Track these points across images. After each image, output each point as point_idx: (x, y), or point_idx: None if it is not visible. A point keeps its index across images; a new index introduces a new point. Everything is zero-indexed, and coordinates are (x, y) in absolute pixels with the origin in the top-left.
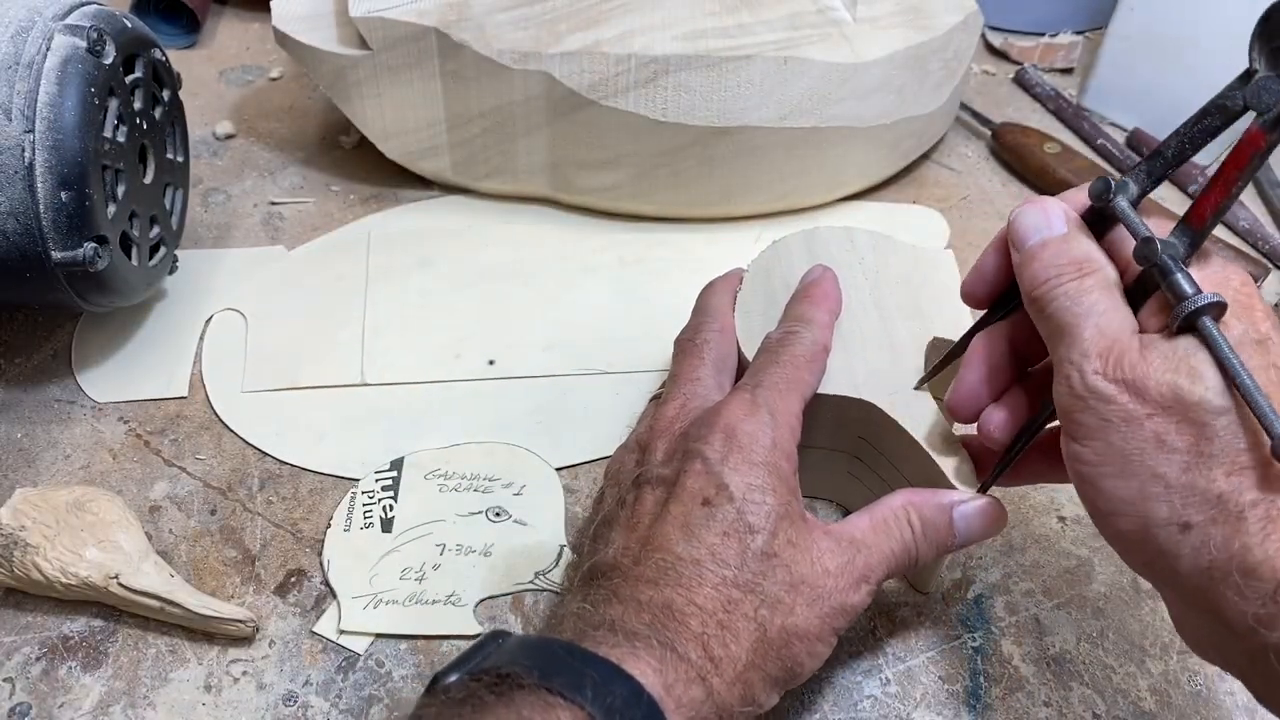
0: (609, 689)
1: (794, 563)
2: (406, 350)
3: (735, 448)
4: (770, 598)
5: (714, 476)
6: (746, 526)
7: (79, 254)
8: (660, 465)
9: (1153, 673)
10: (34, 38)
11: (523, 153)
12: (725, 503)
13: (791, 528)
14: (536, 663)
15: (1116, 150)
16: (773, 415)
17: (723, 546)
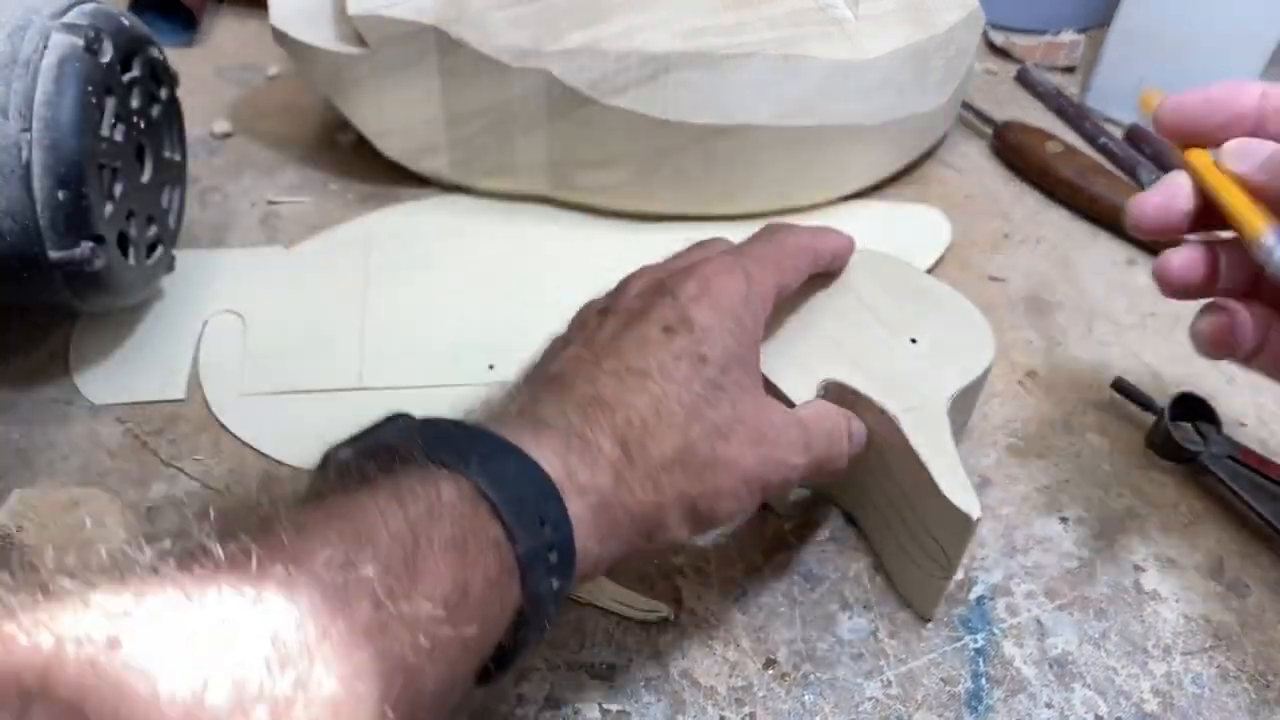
0: (498, 464)
1: (739, 401)
2: (405, 354)
3: (706, 293)
4: (708, 421)
5: (679, 309)
6: (700, 356)
7: (76, 253)
8: (633, 299)
9: (1155, 674)
10: (31, 36)
11: (522, 151)
12: (685, 332)
13: (745, 375)
14: (425, 439)
15: (1119, 149)
16: (749, 279)
17: (674, 365)
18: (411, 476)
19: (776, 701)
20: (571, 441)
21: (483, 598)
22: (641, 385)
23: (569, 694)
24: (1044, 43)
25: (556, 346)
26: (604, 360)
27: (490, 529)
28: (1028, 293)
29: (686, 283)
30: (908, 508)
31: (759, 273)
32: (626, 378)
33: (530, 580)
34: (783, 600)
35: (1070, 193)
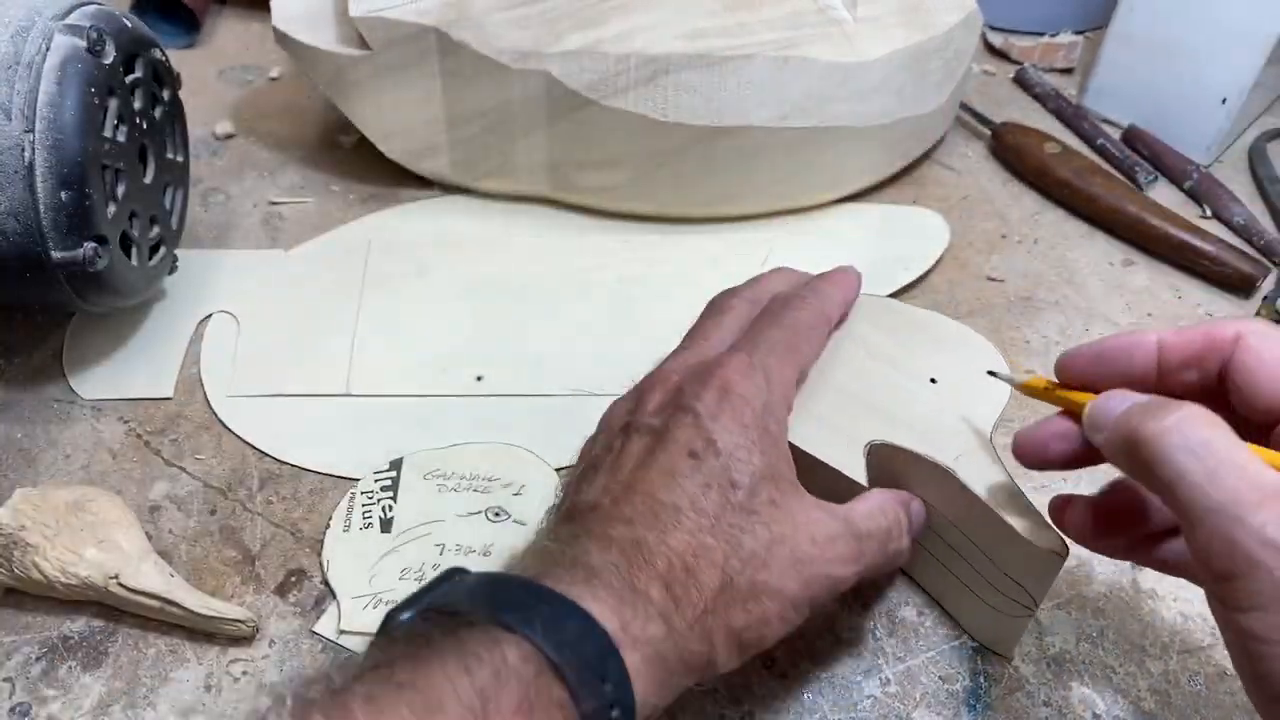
0: (561, 623)
1: (774, 522)
2: (394, 362)
3: (728, 406)
4: (744, 551)
5: (703, 431)
6: (730, 481)
7: (79, 254)
8: (651, 415)
9: (1153, 672)
10: (34, 37)
11: (522, 152)
12: (711, 457)
13: (776, 490)
14: (487, 598)
15: (1116, 150)
16: (768, 379)
17: (703, 496)
18: (476, 640)
19: (775, 699)
20: (624, 594)
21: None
22: (677, 522)
23: None
24: (1042, 44)
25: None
26: (635, 496)
27: (555, 690)
28: (1025, 293)
29: (705, 394)
30: (977, 555)
31: (777, 366)
32: (661, 515)
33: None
34: None
35: (1068, 193)
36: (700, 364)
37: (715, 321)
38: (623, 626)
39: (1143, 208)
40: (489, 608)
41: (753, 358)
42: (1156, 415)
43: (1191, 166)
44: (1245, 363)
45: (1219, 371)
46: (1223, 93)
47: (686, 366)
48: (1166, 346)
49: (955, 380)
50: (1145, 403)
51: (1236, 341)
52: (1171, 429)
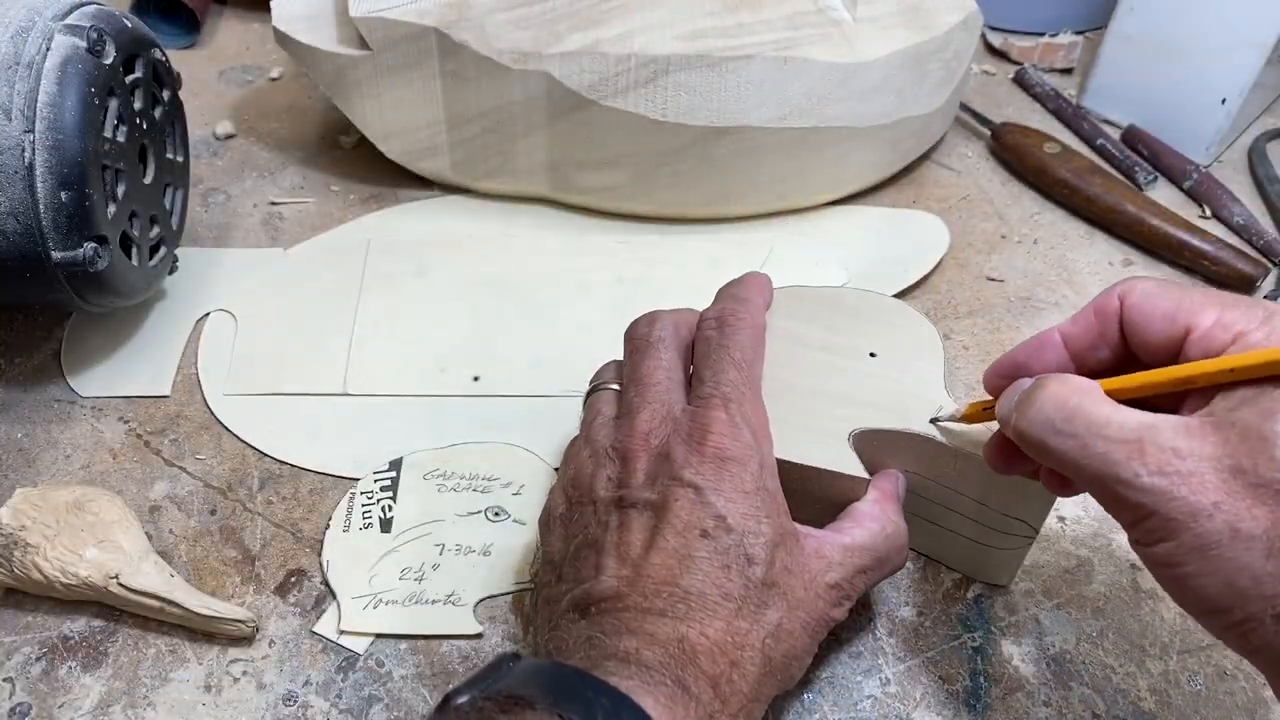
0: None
1: (791, 589)
2: (392, 361)
3: (726, 475)
4: (773, 627)
5: (709, 507)
6: (746, 558)
7: (79, 254)
8: (643, 488)
9: (1153, 672)
10: (34, 38)
11: (522, 153)
12: (723, 534)
13: (787, 554)
14: (549, 687)
15: (1116, 150)
16: (754, 432)
17: (725, 579)
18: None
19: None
20: (676, 694)
21: None
22: (710, 611)
23: None
24: (1042, 44)
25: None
26: (654, 584)
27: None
28: (1025, 293)
29: (700, 465)
30: (969, 505)
31: (754, 412)
32: (692, 604)
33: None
34: None
35: (1067, 193)
36: (672, 418)
37: (654, 360)
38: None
39: (1142, 208)
40: (551, 696)
41: (729, 411)
42: (1023, 407)
43: (1191, 166)
44: (1133, 322)
45: (1121, 338)
46: (1223, 93)
47: (659, 423)
48: (1069, 337)
49: (889, 346)
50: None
51: (1121, 305)
52: (1035, 416)
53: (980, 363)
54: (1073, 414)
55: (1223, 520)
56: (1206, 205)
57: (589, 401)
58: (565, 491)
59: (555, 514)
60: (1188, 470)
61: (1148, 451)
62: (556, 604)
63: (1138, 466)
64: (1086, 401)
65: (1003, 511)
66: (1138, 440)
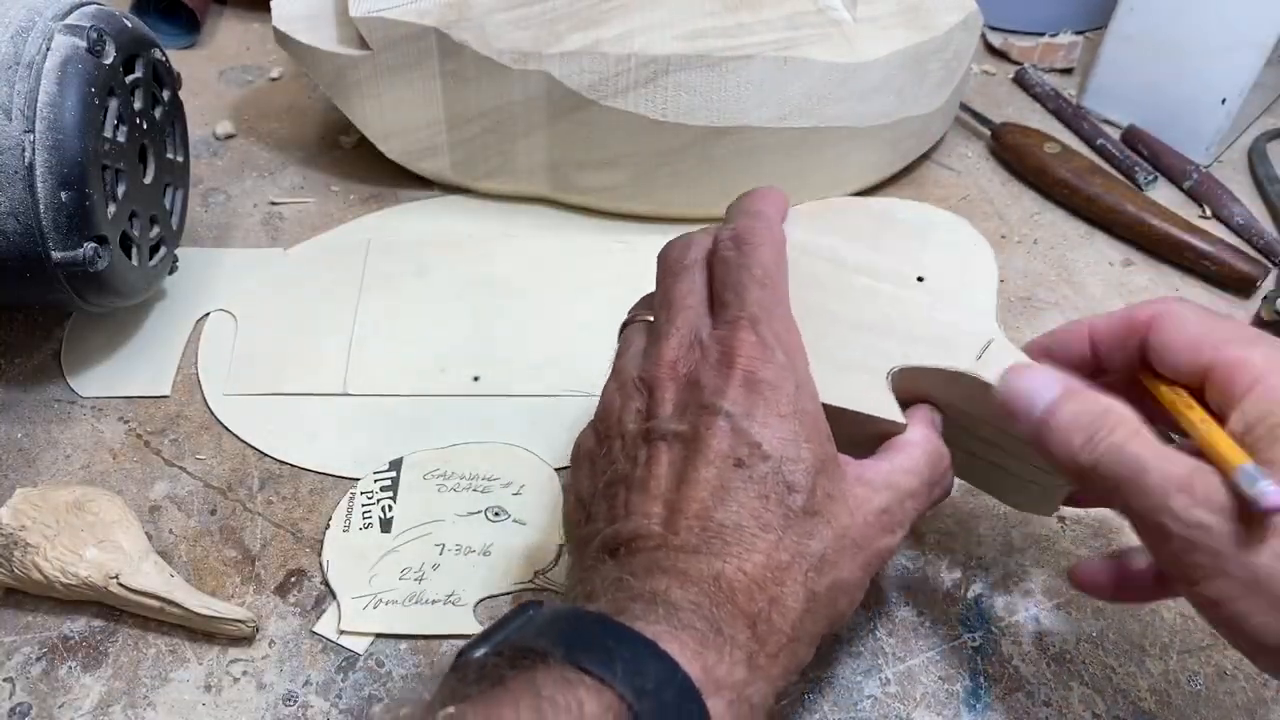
0: (641, 668)
1: (835, 517)
2: (392, 361)
3: (760, 400)
4: (816, 557)
5: (743, 435)
6: (786, 486)
7: (79, 254)
8: (673, 419)
9: (1153, 672)
10: (34, 38)
11: (522, 153)
12: (760, 462)
13: (829, 480)
14: (565, 637)
15: (1116, 150)
16: (786, 352)
17: (764, 509)
18: (552, 682)
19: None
20: (708, 636)
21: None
22: (748, 544)
23: None
24: (1042, 44)
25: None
26: (688, 519)
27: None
28: (1025, 293)
29: (730, 390)
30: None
31: (785, 332)
32: (728, 539)
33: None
34: None
35: (1067, 193)
36: (705, 347)
37: (685, 284)
38: (706, 671)
39: (1142, 208)
40: (565, 647)
41: (758, 332)
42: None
43: (1191, 166)
44: (1159, 341)
45: (1139, 350)
46: (1223, 93)
47: (688, 350)
48: (1096, 334)
49: (940, 270)
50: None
51: (1150, 323)
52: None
53: None
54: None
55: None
56: (1206, 205)
57: (621, 335)
58: (595, 427)
59: (584, 450)
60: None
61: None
62: (587, 546)
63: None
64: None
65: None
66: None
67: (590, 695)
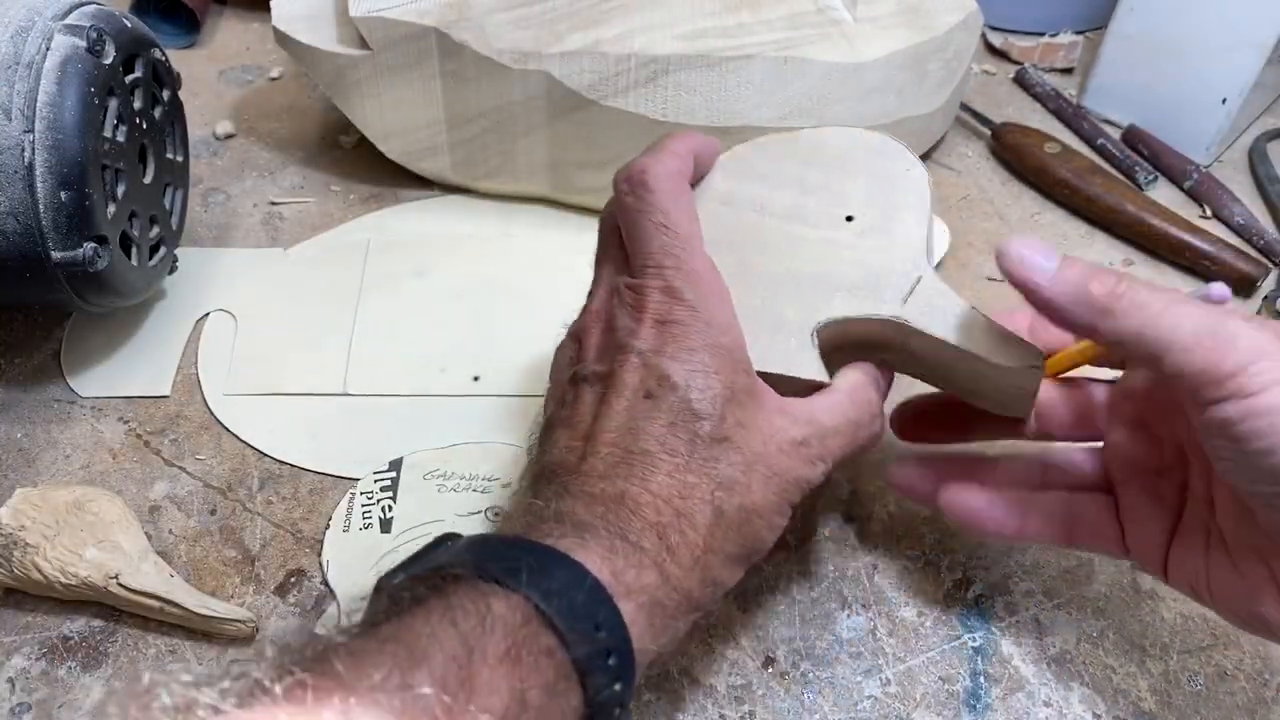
0: (548, 574)
1: (746, 443)
2: (392, 361)
3: (669, 338)
4: (725, 480)
5: (653, 369)
6: (692, 414)
7: (79, 254)
8: (595, 362)
9: (1153, 673)
10: (34, 38)
11: (522, 153)
12: (669, 393)
13: (740, 409)
14: (474, 556)
15: (1116, 150)
16: (695, 289)
17: (670, 436)
18: (462, 594)
19: (775, 700)
20: (615, 544)
21: (543, 707)
22: (652, 466)
23: None
24: (1042, 44)
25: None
26: (602, 448)
27: (544, 638)
28: None
29: (640, 329)
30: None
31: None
32: (635, 464)
33: (590, 686)
34: (781, 599)
35: (1068, 193)
36: (621, 295)
37: (607, 237)
38: (615, 575)
39: (1143, 208)
40: (475, 564)
41: (665, 276)
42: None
43: (1191, 166)
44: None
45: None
46: (1223, 93)
47: (608, 298)
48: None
49: (870, 203)
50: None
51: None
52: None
53: None
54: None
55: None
56: (1207, 205)
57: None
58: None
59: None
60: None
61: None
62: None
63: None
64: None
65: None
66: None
67: (499, 601)
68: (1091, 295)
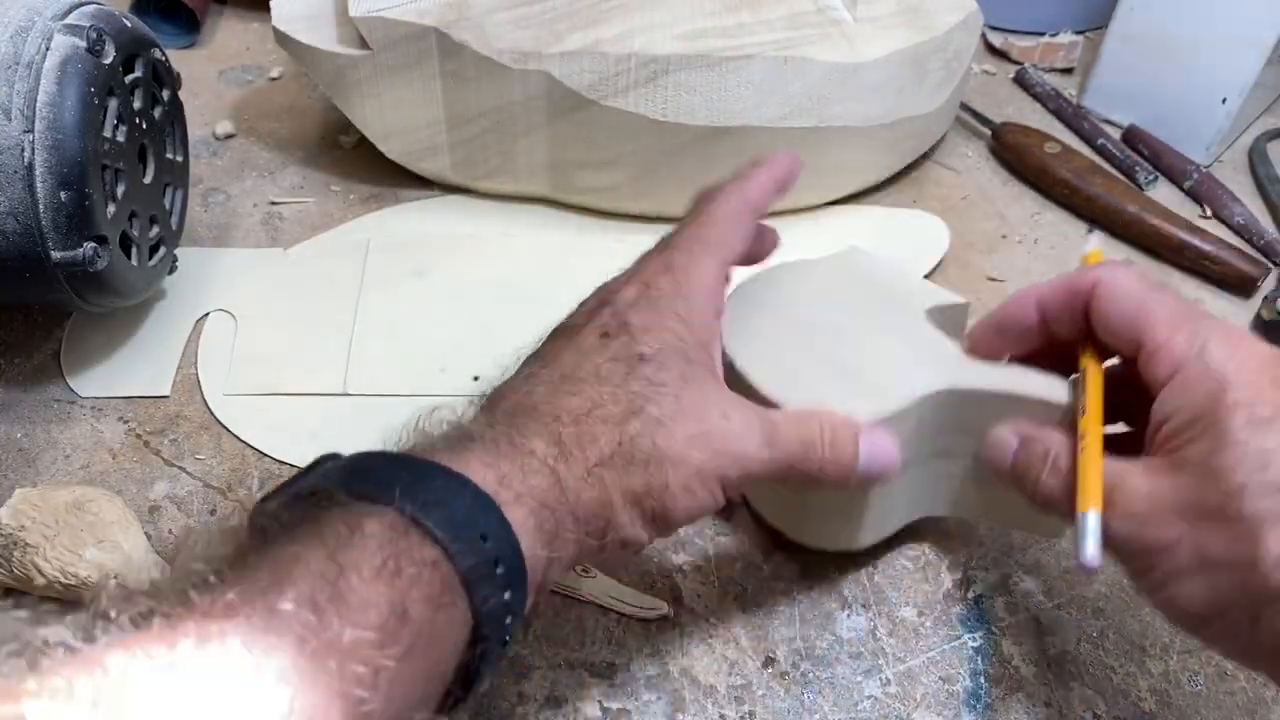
0: (424, 486)
1: (683, 394)
2: (392, 361)
3: (645, 299)
4: (647, 415)
5: (619, 316)
6: (638, 355)
7: (79, 254)
8: (578, 316)
9: (1153, 673)
10: (33, 37)
11: (522, 153)
12: (623, 335)
13: (689, 368)
14: (346, 476)
15: (1116, 150)
16: (687, 274)
17: (610, 368)
18: (334, 516)
19: (776, 700)
20: (500, 448)
21: (426, 619)
22: (575, 389)
23: (569, 692)
24: (1042, 44)
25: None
26: (540, 371)
27: (424, 551)
28: None
29: (624, 290)
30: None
31: (696, 264)
32: (560, 385)
33: (477, 595)
34: (782, 599)
35: (1068, 193)
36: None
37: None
38: (500, 481)
39: (1143, 208)
40: (348, 485)
41: (669, 256)
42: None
43: (1191, 166)
44: (1097, 313)
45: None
46: (1223, 93)
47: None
48: (1043, 304)
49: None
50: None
51: (1093, 289)
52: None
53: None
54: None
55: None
56: (1207, 205)
57: None
58: None
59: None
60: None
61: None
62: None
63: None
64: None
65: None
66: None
67: (371, 519)
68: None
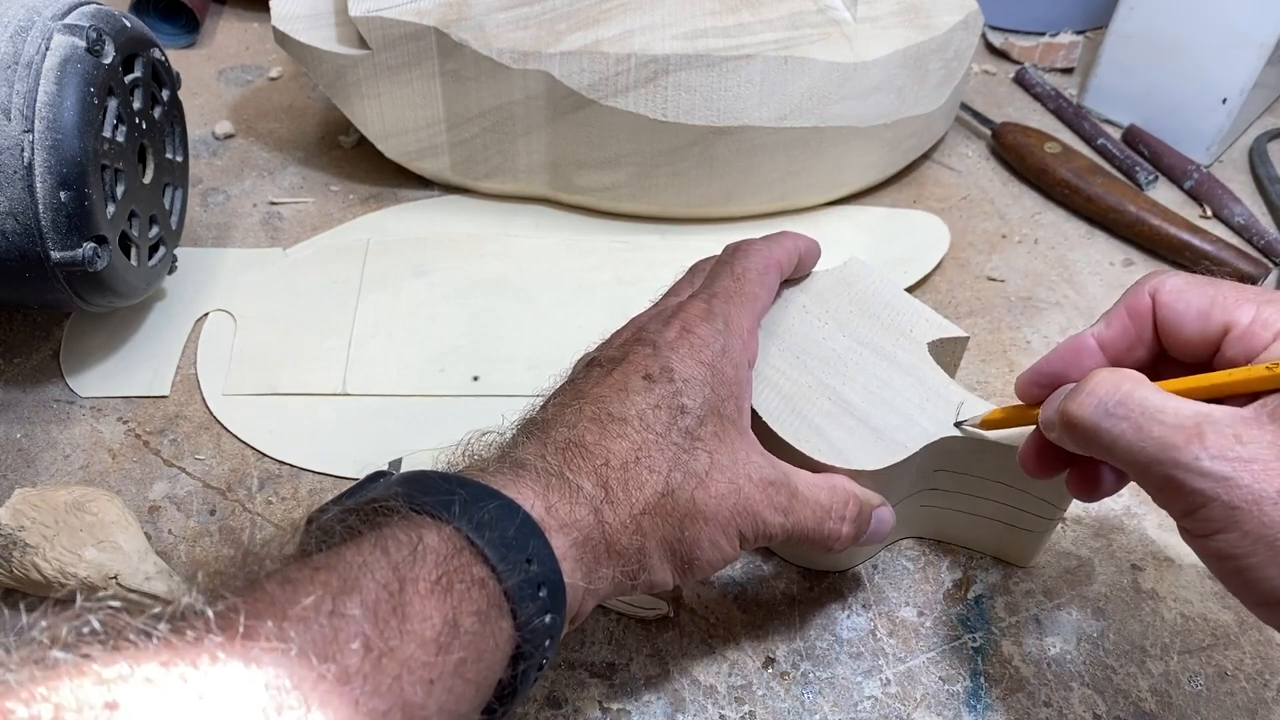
0: (480, 507)
1: (716, 452)
2: (391, 361)
3: (687, 343)
4: (686, 468)
5: (660, 359)
6: (680, 406)
7: (78, 254)
8: (614, 350)
9: (1153, 673)
10: (33, 37)
11: (522, 152)
12: (665, 381)
13: (722, 427)
14: (408, 489)
15: (1117, 150)
16: (727, 324)
17: (653, 414)
18: (394, 526)
19: (776, 700)
20: (550, 481)
21: (475, 633)
22: (621, 431)
23: (569, 692)
24: (1042, 44)
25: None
26: (585, 407)
27: (475, 568)
28: (1025, 293)
29: (666, 330)
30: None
31: (734, 313)
32: (607, 424)
33: (521, 614)
34: (782, 599)
35: (1068, 193)
36: (664, 310)
37: (688, 279)
38: (548, 510)
39: (1143, 208)
40: (408, 497)
41: (710, 304)
42: (1075, 395)
43: (1191, 166)
44: (1166, 321)
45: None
46: (1223, 93)
47: (653, 313)
48: (1105, 342)
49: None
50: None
51: (1154, 305)
52: (1087, 400)
53: (980, 362)
54: (1127, 398)
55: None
56: (1207, 205)
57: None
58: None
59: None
60: (1250, 456)
61: (1207, 436)
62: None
63: (1198, 450)
64: (1141, 389)
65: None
66: (1196, 426)
67: (430, 532)
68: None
